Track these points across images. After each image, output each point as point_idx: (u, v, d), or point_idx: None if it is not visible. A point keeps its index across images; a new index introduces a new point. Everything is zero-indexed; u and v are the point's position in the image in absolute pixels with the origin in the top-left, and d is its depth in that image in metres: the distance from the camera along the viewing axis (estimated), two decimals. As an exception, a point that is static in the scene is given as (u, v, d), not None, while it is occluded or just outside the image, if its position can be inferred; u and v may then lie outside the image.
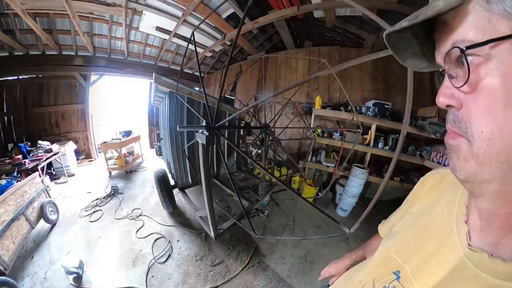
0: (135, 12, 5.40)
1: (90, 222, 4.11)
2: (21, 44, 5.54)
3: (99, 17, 5.56)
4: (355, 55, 5.95)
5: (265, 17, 5.33)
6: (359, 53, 5.82)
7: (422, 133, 4.39)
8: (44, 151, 5.46)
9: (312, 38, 6.75)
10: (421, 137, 4.59)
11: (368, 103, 5.36)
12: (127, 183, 5.90)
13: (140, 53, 7.26)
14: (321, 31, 6.42)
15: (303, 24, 6.29)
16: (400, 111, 5.17)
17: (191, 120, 3.98)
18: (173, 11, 5.43)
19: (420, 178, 0.84)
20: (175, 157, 4.01)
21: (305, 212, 4.87)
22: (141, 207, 4.67)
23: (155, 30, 5.90)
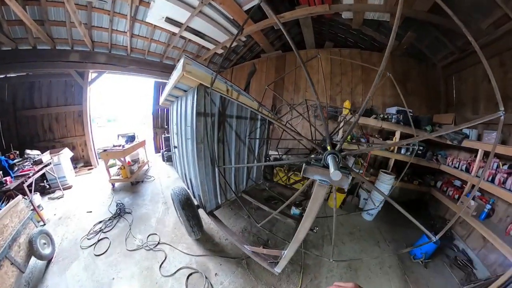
0: (140, 2, 4.62)
1: (95, 256, 3.18)
2: (8, 37, 4.63)
3: (99, 6, 4.70)
4: (376, 59, 5.73)
5: (292, 12, 4.94)
6: (380, 57, 5.62)
7: (440, 139, 4.39)
8: (32, 163, 4.39)
9: (331, 39, 6.37)
10: (437, 143, 4.58)
11: (390, 109, 5.25)
12: (134, 198, 4.93)
13: (145, 49, 6.37)
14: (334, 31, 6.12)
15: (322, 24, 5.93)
16: (418, 117, 5.10)
17: (222, 127, 3.21)
18: (189, 0, 4.73)
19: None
20: (203, 177, 3.06)
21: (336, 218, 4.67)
22: (157, 232, 3.79)
23: (164, 21, 5.08)
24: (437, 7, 3.80)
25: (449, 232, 3.96)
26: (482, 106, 4.03)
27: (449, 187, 4.24)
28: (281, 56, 6.84)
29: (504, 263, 3.07)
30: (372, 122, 5.06)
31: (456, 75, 4.69)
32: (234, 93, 2.72)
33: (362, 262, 3.42)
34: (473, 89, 4.24)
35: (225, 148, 3.38)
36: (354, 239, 4.04)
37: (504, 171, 3.36)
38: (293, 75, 6.62)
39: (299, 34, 6.02)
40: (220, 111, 3.05)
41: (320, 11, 4.66)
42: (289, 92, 6.68)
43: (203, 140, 2.80)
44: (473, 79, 4.24)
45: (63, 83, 6.10)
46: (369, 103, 5.75)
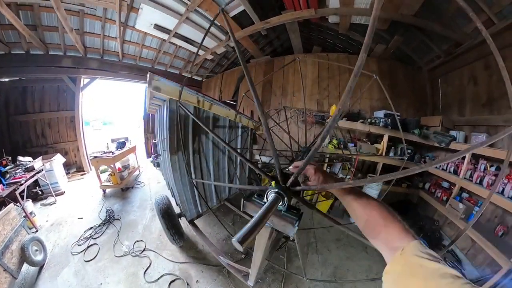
0: (131, 9, 4.35)
1: (85, 262, 3.16)
2: (2, 41, 4.43)
3: (91, 12, 4.47)
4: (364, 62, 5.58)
5: (279, 17, 4.76)
6: (367, 60, 5.38)
7: (427, 141, 4.23)
8: (24, 170, 4.20)
9: (319, 44, 6.18)
10: (425, 145, 4.44)
11: (377, 113, 5.08)
12: (124, 205, 4.78)
13: (136, 55, 6.10)
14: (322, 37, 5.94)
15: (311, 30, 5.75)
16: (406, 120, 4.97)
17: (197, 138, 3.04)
18: (175, 6, 4.50)
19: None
20: (180, 187, 3.01)
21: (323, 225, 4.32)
22: (144, 238, 3.72)
23: (153, 28, 4.84)
24: (423, 11, 3.64)
25: (438, 233, 3.80)
26: (468, 108, 3.84)
27: (437, 189, 4.06)
28: (270, 61, 6.63)
29: (492, 263, 2.87)
30: (359, 126, 4.88)
31: (442, 78, 4.52)
32: (206, 103, 2.63)
33: (349, 270, 3.31)
34: (459, 92, 4.06)
35: (202, 159, 3.27)
36: (340, 246, 3.86)
37: (492, 173, 3.20)
38: (280, 80, 6.39)
39: (289, 40, 5.82)
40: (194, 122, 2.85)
41: (306, 15, 4.46)
42: (277, 96, 6.44)
43: (177, 152, 2.73)
44: (459, 81, 4.05)
45: (56, 89, 5.85)
46: (356, 107, 5.55)
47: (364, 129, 4.85)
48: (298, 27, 5.19)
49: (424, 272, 0.46)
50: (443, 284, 0.42)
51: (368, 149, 4.90)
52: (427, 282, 0.44)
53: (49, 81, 5.65)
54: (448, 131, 4.03)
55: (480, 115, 3.57)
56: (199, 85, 8.09)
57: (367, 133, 5.35)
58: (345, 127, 5.11)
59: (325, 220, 4.56)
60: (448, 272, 0.44)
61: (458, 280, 0.42)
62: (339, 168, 5.19)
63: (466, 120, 3.86)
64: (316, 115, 5.86)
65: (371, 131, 4.80)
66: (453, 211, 3.53)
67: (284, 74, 6.34)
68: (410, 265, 0.49)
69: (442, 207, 3.75)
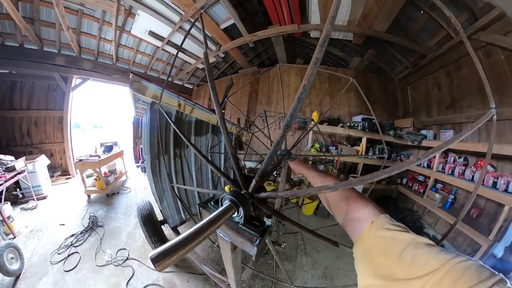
0: (129, 14, 4.22)
1: (65, 272, 2.76)
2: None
3: (89, 13, 4.25)
4: (341, 72, 5.76)
5: (265, 31, 4.92)
6: (345, 72, 5.72)
7: (401, 141, 4.50)
8: (4, 170, 3.66)
9: (302, 57, 6.46)
10: (399, 144, 4.69)
11: (355, 118, 5.28)
12: (108, 211, 4.32)
13: (130, 59, 5.85)
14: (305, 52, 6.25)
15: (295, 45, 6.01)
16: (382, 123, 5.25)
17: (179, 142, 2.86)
18: (170, 15, 4.45)
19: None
20: (161, 193, 2.79)
21: (310, 226, 4.22)
22: (127, 247, 3.31)
23: (148, 34, 4.70)
24: (393, 28, 4.00)
25: (419, 222, 3.92)
26: (435, 109, 4.17)
27: (414, 183, 4.25)
28: (257, 72, 6.74)
29: (472, 243, 3.00)
30: (339, 130, 4.99)
31: (410, 86, 4.89)
32: (187, 107, 2.46)
33: (339, 268, 3.19)
34: (426, 96, 4.40)
35: (183, 164, 3.08)
36: (329, 246, 3.60)
37: (461, 164, 3.44)
38: (266, 89, 6.48)
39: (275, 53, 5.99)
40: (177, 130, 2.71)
41: (290, 30, 4.64)
42: (262, 104, 6.47)
43: (157, 156, 2.56)
44: (425, 88, 4.41)
45: (46, 86, 5.30)
46: (336, 113, 5.78)
47: (344, 133, 4.96)
48: (283, 41, 5.39)
49: (397, 244, 0.43)
50: (418, 254, 0.39)
51: (349, 151, 5.02)
52: (402, 255, 0.41)
53: (40, 77, 5.10)
54: (419, 130, 4.31)
55: (445, 115, 3.89)
56: (190, 92, 7.91)
57: (347, 137, 5.49)
58: (327, 131, 5.21)
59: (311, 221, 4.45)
60: (421, 242, 0.41)
61: (432, 248, 0.39)
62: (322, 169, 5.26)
63: (434, 120, 4.17)
64: (298, 120, 5.98)
65: (351, 134, 4.93)
66: (430, 201, 3.68)
67: (269, 84, 6.46)
68: (383, 239, 0.46)
69: (420, 198, 3.90)
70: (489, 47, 2.89)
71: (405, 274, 0.39)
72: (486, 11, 2.67)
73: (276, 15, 4.54)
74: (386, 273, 0.41)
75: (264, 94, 6.50)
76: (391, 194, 4.83)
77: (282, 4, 4.19)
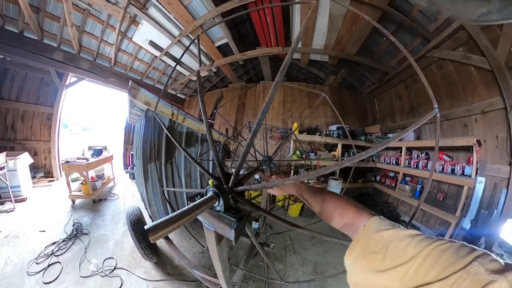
0: (133, 21, 4.18)
1: (44, 284, 2.31)
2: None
3: (95, 14, 4.10)
4: (318, 89, 6.24)
5: (254, 51, 5.20)
6: (322, 88, 6.16)
7: (372, 144, 4.81)
8: None
9: (286, 75, 6.87)
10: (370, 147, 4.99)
11: (331, 127, 5.58)
12: (94, 218, 3.80)
13: (128, 65, 5.63)
14: (288, 70, 6.69)
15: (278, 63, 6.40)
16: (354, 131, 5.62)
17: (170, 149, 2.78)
18: (171, 29, 4.52)
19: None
20: (152, 198, 2.66)
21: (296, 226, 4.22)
22: (115, 255, 2.90)
23: (148, 43, 4.65)
24: (361, 51, 4.52)
25: (395, 212, 4.12)
26: (398, 116, 4.65)
27: (386, 179, 4.53)
28: (244, 86, 6.96)
29: (442, 222, 3.21)
30: (317, 138, 5.23)
31: (377, 98, 5.41)
32: (180, 117, 2.49)
33: (328, 263, 3.15)
34: (390, 106, 4.90)
35: (174, 170, 2.98)
36: (316, 243, 3.66)
37: (423, 158, 3.79)
38: (252, 103, 6.69)
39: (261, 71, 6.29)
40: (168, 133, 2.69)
41: (275, 51, 4.96)
42: (249, 116, 6.62)
43: (149, 161, 2.50)
44: (389, 99, 4.92)
45: (39, 80, 4.74)
46: (314, 123, 6.09)
47: (322, 141, 5.20)
48: (269, 60, 5.71)
49: (386, 240, 0.42)
50: (402, 246, 0.38)
51: (326, 156, 5.18)
52: (389, 248, 0.40)
53: (34, 70, 4.56)
54: (386, 134, 4.73)
55: (406, 119, 4.36)
56: (182, 102, 7.74)
57: (325, 144, 5.76)
58: (306, 140, 5.39)
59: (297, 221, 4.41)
60: (404, 234, 0.40)
61: (415, 238, 0.39)
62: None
63: (397, 125, 4.63)
64: (281, 131, 6.16)
65: (327, 141, 5.19)
66: (402, 192, 3.93)
67: (255, 98, 6.67)
68: (373, 238, 0.45)
69: (393, 191, 4.14)
70: (441, 61, 3.42)
71: (391, 264, 0.38)
72: (436, 34, 3.22)
73: (264, 38, 4.86)
74: (376, 268, 0.40)
75: (250, 107, 6.68)
76: (367, 191, 5.05)
77: (269, 29, 4.51)
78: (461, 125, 3.24)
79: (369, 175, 5.07)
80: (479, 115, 2.95)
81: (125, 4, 3.60)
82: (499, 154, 2.72)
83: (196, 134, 3.27)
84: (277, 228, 3.87)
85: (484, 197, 2.74)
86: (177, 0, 3.81)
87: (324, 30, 4.31)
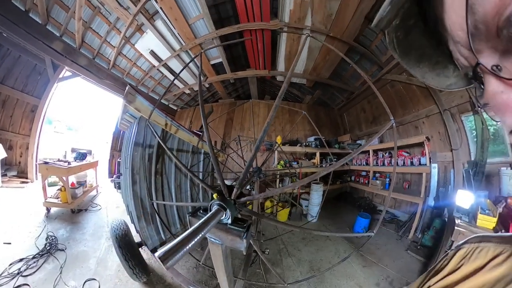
0: (139, 29, 4.19)
1: None
2: None
3: (105, 14, 3.98)
4: (298, 106, 6.75)
5: (244, 72, 5.61)
6: (301, 106, 6.74)
7: (345, 151, 5.34)
8: None
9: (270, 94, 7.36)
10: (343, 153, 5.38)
11: (310, 139, 6.08)
12: (72, 231, 3.14)
13: (126, 70, 5.38)
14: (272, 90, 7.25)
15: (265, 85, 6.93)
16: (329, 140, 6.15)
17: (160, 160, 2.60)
18: (172, 42, 4.67)
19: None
20: (140, 211, 2.30)
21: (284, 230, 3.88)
22: (97, 276, 2.37)
23: (148, 52, 4.64)
24: (333, 75, 5.30)
25: (372, 205, 4.51)
26: (364, 125, 5.39)
27: (360, 178, 5.00)
28: (233, 103, 7.22)
29: (411, 204, 3.63)
30: (298, 149, 5.58)
31: (346, 112, 6.17)
32: (173, 128, 2.35)
33: (322, 259, 3.18)
34: (357, 118, 5.65)
35: (163, 181, 2.74)
36: (308, 243, 3.67)
37: (387, 157, 4.42)
38: (240, 118, 6.93)
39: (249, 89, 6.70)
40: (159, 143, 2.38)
41: (262, 73, 5.45)
42: (236, 130, 6.78)
43: (139, 171, 2.22)
44: (356, 113, 5.68)
45: (32, 66, 4.11)
46: (294, 136, 6.51)
47: (302, 151, 5.57)
48: (256, 81, 6.20)
49: None
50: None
51: (307, 164, 5.49)
52: None
53: (29, 54, 3.96)
54: (355, 141, 5.37)
55: (371, 128, 5.09)
56: (174, 113, 7.47)
57: (305, 153, 6.17)
58: (289, 150, 5.67)
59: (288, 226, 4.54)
60: None
61: None
62: (288, 181, 5.51)
63: (364, 133, 5.34)
64: (266, 143, 6.43)
65: (307, 151, 5.58)
66: (374, 187, 4.38)
67: (242, 114, 6.94)
68: None
69: (367, 187, 4.58)
70: (392, 82, 4.29)
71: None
72: (387, 63, 4.11)
73: (253, 61, 5.34)
74: None
75: (238, 122, 6.89)
76: (346, 190, 5.41)
77: (259, 54, 4.99)
78: (413, 127, 4.00)
79: (345, 176, 5.52)
80: (424, 118, 3.74)
81: (135, 12, 3.68)
82: (443, 145, 3.41)
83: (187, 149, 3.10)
84: (268, 235, 3.73)
85: (439, 178, 3.31)
86: (183, 18, 4.06)
87: (304, 59, 5.00)
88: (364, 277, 2.80)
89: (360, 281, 2.74)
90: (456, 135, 3.16)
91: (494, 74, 0.18)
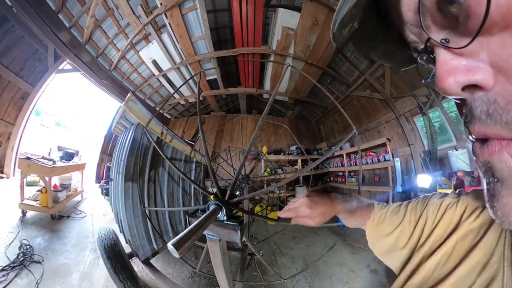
0: (145, 38, 4.18)
1: None
2: None
3: (117, 17, 3.91)
4: (281, 120, 7.03)
5: (235, 89, 5.87)
6: (283, 120, 7.04)
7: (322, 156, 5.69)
8: None
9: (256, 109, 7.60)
10: None
11: (292, 148, 6.35)
12: (51, 240, 2.59)
13: (126, 74, 5.14)
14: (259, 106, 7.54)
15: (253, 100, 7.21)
16: (309, 148, 6.45)
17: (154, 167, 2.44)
18: (174, 55, 4.74)
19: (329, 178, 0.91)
20: (131, 218, 2.08)
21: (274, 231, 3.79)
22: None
23: (151, 61, 4.55)
24: (310, 94, 5.87)
25: (350, 199, 4.74)
26: (337, 134, 5.90)
27: (337, 178, 5.31)
28: (224, 116, 7.26)
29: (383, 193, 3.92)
30: (282, 157, 5.83)
31: (322, 124, 6.65)
32: (168, 136, 2.30)
33: (314, 253, 3.21)
34: (331, 129, 6.15)
35: (156, 188, 2.58)
36: (298, 241, 3.66)
37: (357, 158, 4.86)
38: (229, 130, 6.96)
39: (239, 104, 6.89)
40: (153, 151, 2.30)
41: (251, 91, 5.75)
42: (226, 141, 6.75)
43: (132, 177, 2.07)
44: (330, 124, 6.19)
45: (33, 50, 3.61)
46: (278, 146, 6.71)
47: (286, 158, 5.80)
48: (245, 97, 6.48)
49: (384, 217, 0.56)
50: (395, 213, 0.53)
51: (291, 170, 5.70)
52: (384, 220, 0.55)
53: (33, 37, 3.50)
54: (331, 147, 5.81)
55: (342, 135, 5.61)
56: (167, 122, 7.03)
57: (288, 160, 6.38)
58: (274, 159, 5.90)
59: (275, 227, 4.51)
60: (394, 206, 0.56)
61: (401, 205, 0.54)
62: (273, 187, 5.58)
63: (337, 140, 5.78)
64: (253, 153, 6.52)
65: (290, 158, 5.81)
66: (350, 184, 4.72)
67: (232, 126, 7.00)
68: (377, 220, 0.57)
69: (344, 185, 4.86)
70: (358, 97, 4.94)
71: (391, 228, 0.51)
72: (354, 83, 4.80)
73: (244, 80, 5.68)
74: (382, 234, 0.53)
75: (228, 133, 6.91)
76: (327, 190, 5.58)
77: (249, 74, 5.38)
78: (376, 132, 4.57)
79: (325, 178, 5.78)
80: (385, 124, 4.32)
81: (146, 22, 3.75)
82: (402, 142, 3.94)
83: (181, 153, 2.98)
84: (260, 238, 3.62)
85: (403, 168, 3.74)
86: (187, 36, 4.25)
87: (287, 80, 5.51)
88: (355, 262, 2.86)
89: (352, 266, 2.78)
90: (411, 133, 3.72)
91: (443, 46, 0.19)
